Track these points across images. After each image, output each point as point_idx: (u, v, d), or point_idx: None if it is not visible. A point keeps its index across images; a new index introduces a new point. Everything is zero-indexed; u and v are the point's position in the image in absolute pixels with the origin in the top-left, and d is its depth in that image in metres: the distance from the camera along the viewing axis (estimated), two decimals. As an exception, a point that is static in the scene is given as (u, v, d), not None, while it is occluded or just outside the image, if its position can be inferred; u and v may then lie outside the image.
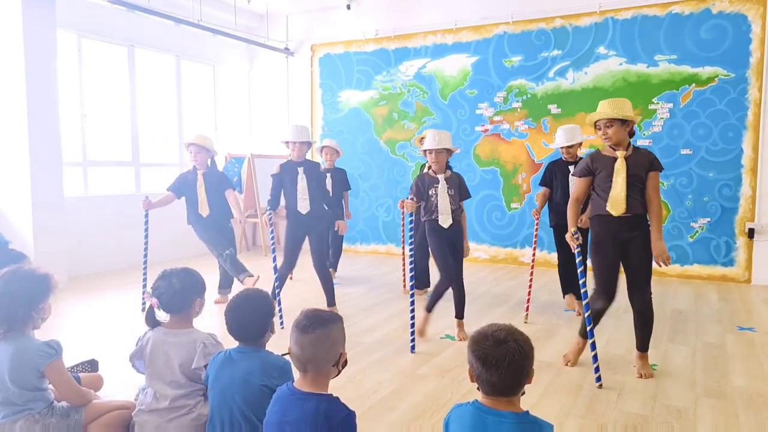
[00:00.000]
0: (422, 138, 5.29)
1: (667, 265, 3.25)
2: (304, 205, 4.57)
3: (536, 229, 4.80)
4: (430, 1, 7.37)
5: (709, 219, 6.12)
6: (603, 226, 3.34)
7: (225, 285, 5.19)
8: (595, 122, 3.30)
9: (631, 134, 3.32)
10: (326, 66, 8.17)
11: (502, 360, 1.52)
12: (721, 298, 5.35)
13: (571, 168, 4.52)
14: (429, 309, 4.11)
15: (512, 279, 6.22)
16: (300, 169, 4.58)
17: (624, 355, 3.71)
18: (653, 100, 6.26)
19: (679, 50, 6.13)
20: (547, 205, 4.82)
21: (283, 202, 4.72)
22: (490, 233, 7.22)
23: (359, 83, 7.94)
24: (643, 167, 3.25)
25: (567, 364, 3.52)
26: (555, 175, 4.70)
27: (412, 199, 4.01)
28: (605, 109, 3.24)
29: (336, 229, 4.93)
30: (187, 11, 6.96)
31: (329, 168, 6.06)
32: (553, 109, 6.75)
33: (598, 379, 3.21)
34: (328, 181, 6.03)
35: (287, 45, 8.32)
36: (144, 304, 4.51)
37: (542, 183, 4.79)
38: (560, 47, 6.68)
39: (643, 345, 3.40)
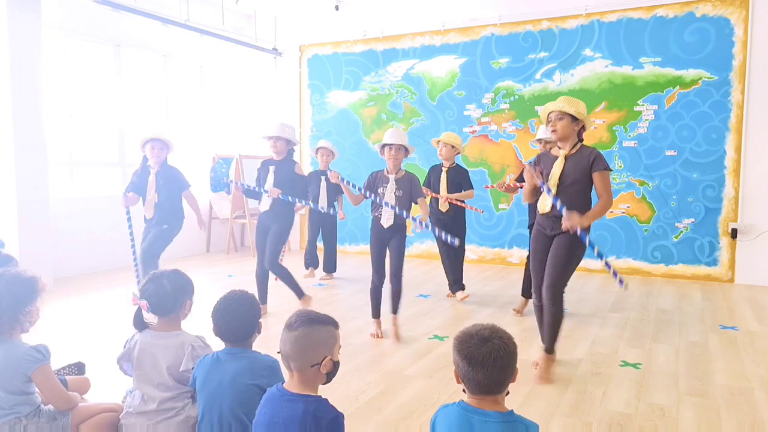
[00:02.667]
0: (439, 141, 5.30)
1: (569, 231, 3.18)
2: (265, 204, 4.57)
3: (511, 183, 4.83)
4: (418, 3, 7.40)
5: (693, 219, 6.21)
6: (537, 222, 3.42)
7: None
8: (548, 114, 3.32)
9: (580, 137, 3.33)
10: (314, 66, 8.17)
11: (488, 357, 1.55)
12: (705, 298, 5.43)
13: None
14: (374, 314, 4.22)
15: (500, 279, 6.26)
16: (272, 168, 4.59)
17: (609, 354, 3.76)
18: (638, 101, 6.33)
19: (663, 53, 6.21)
20: (527, 205, 4.87)
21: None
22: (478, 233, 7.27)
23: (348, 84, 7.95)
24: (583, 169, 3.21)
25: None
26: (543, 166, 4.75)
27: (360, 190, 4.13)
28: (560, 102, 3.28)
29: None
30: (175, 11, 6.93)
31: (324, 170, 6.05)
32: (540, 110, 6.79)
33: (621, 281, 3.20)
34: (323, 183, 6.03)
35: (275, 45, 8.31)
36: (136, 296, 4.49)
37: (517, 179, 4.89)
38: (547, 49, 6.74)
39: (547, 344, 3.38)
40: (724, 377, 3.37)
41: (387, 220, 4.05)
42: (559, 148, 3.34)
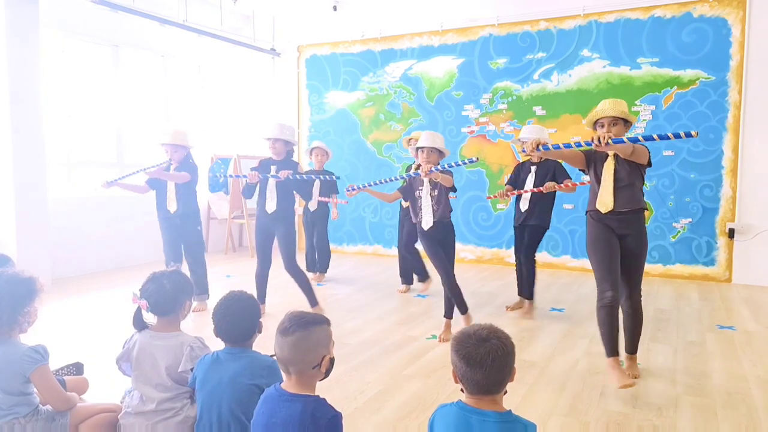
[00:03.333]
0: (410, 139, 5.34)
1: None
2: (270, 205, 4.52)
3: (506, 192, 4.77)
4: (416, 3, 7.40)
5: (690, 219, 6.22)
6: (600, 220, 3.34)
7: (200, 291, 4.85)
8: (597, 120, 3.23)
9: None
10: (313, 67, 8.17)
11: (486, 357, 1.55)
12: (702, 298, 5.44)
13: (533, 168, 4.63)
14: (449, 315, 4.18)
15: (498, 279, 6.27)
16: (273, 168, 4.55)
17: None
18: (636, 102, 6.34)
19: (661, 53, 6.23)
20: (513, 205, 4.90)
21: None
22: (476, 234, 7.28)
23: (346, 84, 7.95)
24: (633, 166, 3.20)
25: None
26: (519, 173, 4.78)
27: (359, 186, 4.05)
28: (609, 107, 3.17)
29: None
30: (173, 11, 6.93)
31: (319, 170, 6.07)
32: (538, 110, 6.82)
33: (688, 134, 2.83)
34: (317, 183, 6.03)
35: (273, 46, 8.31)
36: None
37: (508, 182, 4.89)
38: (545, 50, 6.75)
39: (632, 347, 3.41)
40: (722, 377, 3.38)
41: (427, 222, 3.99)
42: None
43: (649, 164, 3.21)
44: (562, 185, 4.44)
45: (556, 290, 5.72)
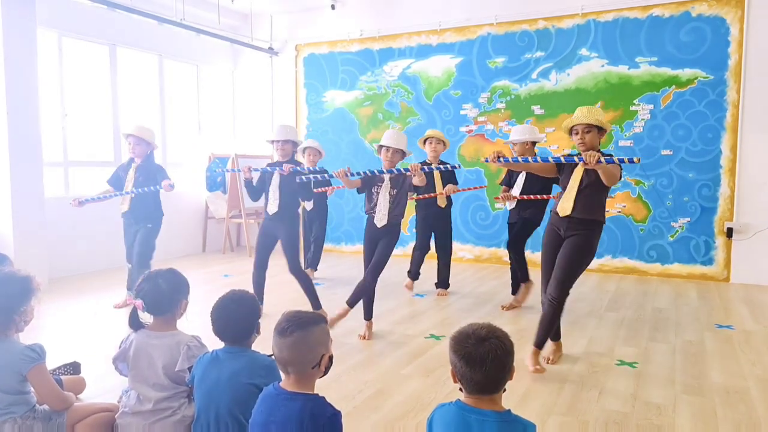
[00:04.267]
0: (425, 139, 5.31)
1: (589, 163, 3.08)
2: (273, 206, 4.48)
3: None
4: (414, 2, 7.40)
5: (688, 218, 6.22)
6: (552, 222, 3.60)
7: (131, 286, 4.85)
8: (572, 126, 3.36)
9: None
10: (311, 66, 8.16)
11: (486, 357, 1.55)
12: (701, 297, 5.44)
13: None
14: (351, 304, 4.13)
15: (496, 279, 6.27)
16: (268, 166, 4.53)
17: (606, 353, 3.76)
18: (634, 101, 6.34)
19: (659, 52, 6.22)
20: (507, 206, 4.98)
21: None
22: (475, 233, 7.27)
23: (344, 83, 7.94)
24: (597, 175, 3.33)
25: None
26: (512, 174, 4.84)
27: (357, 173, 3.99)
28: (583, 115, 3.30)
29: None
30: (170, 10, 6.90)
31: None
32: (537, 110, 6.82)
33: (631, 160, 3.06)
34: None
35: (271, 45, 8.29)
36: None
37: (502, 182, 4.94)
38: (543, 49, 6.74)
39: (537, 338, 3.50)
40: (720, 376, 3.38)
41: (380, 219, 4.03)
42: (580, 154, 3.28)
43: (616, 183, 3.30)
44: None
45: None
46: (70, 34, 6.46)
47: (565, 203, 3.38)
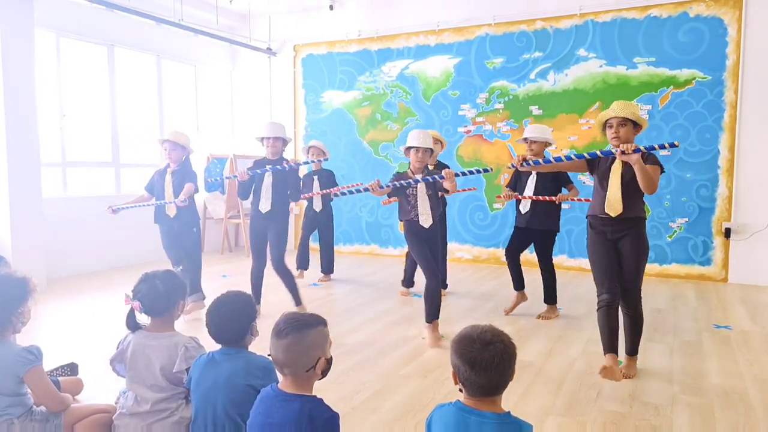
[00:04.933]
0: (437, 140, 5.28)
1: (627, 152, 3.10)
2: (265, 205, 4.48)
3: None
4: (412, 3, 7.40)
5: (686, 219, 6.23)
6: (594, 226, 3.43)
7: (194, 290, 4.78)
8: (607, 120, 3.28)
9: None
10: (309, 66, 8.16)
11: (491, 362, 1.54)
12: (699, 297, 5.45)
13: (535, 171, 4.57)
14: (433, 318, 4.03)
15: (495, 279, 6.27)
16: (269, 167, 4.51)
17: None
18: (632, 101, 6.34)
19: (657, 53, 6.23)
20: (512, 205, 4.90)
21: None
22: (473, 234, 7.27)
23: (342, 84, 7.94)
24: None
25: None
26: (519, 177, 4.73)
27: (387, 185, 3.95)
28: (619, 109, 3.23)
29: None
30: (168, 11, 6.90)
31: (316, 169, 6.04)
32: (535, 110, 6.82)
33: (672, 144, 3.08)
34: (315, 183, 6.01)
35: (270, 45, 8.29)
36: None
37: (507, 186, 4.84)
38: (541, 49, 6.74)
39: (631, 347, 3.42)
40: (718, 376, 3.38)
41: (426, 220, 3.95)
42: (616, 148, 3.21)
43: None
44: (570, 195, 4.59)
45: (552, 290, 5.71)
46: (68, 35, 6.45)
47: (613, 204, 3.25)
